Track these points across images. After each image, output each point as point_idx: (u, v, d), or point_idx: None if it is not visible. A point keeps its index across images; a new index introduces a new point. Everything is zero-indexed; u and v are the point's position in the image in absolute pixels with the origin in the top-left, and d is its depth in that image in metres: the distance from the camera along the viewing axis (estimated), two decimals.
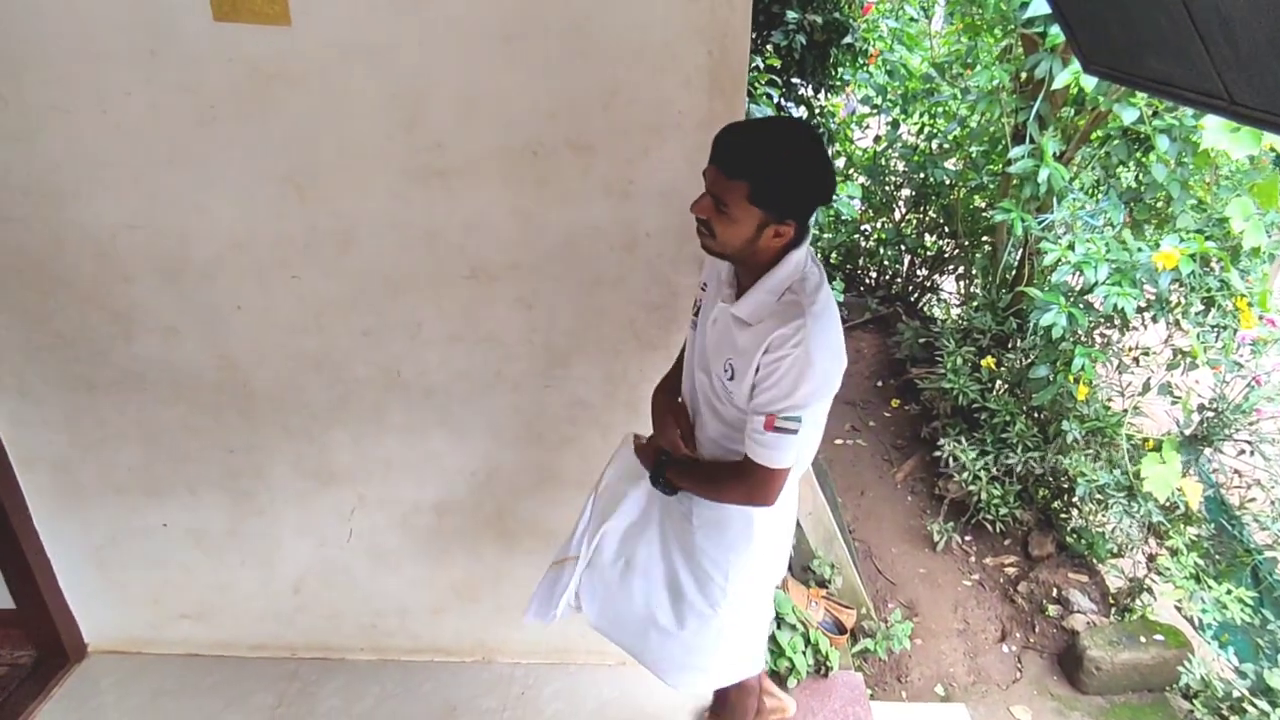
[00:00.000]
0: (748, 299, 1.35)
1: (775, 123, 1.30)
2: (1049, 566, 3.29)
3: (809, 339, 1.27)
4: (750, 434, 1.35)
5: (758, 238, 1.28)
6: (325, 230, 1.76)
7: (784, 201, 1.26)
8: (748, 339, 1.34)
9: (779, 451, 1.33)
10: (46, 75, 1.59)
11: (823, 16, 4.04)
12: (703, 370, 1.48)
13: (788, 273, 1.33)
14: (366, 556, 2.15)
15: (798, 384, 1.28)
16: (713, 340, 1.43)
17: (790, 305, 1.31)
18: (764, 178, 1.23)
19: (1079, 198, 3.21)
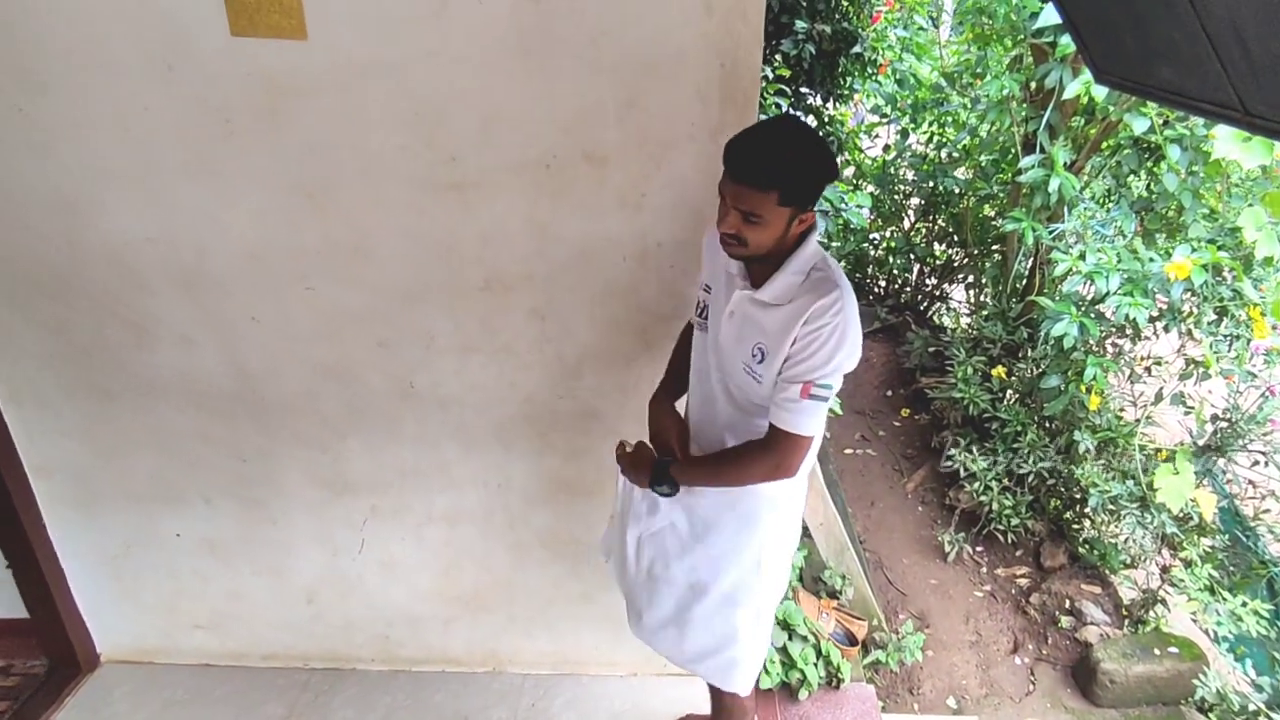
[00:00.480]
0: (774, 283, 1.40)
1: (777, 125, 1.35)
2: (1061, 577, 3.27)
3: (846, 308, 1.35)
4: (782, 404, 1.39)
5: (787, 231, 1.36)
6: (341, 242, 1.77)
7: (808, 194, 1.34)
8: (779, 318, 1.39)
9: (810, 417, 1.39)
10: (67, 90, 1.60)
11: (831, 26, 4.05)
12: (719, 367, 1.52)
13: (810, 253, 1.40)
14: (378, 566, 2.15)
15: (835, 352, 1.35)
16: (731, 332, 1.47)
17: (822, 280, 1.38)
18: (792, 182, 1.30)
19: (1090, 207, 3.20)
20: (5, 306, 1.81)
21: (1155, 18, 1.29)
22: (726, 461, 1.51)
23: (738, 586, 1.62)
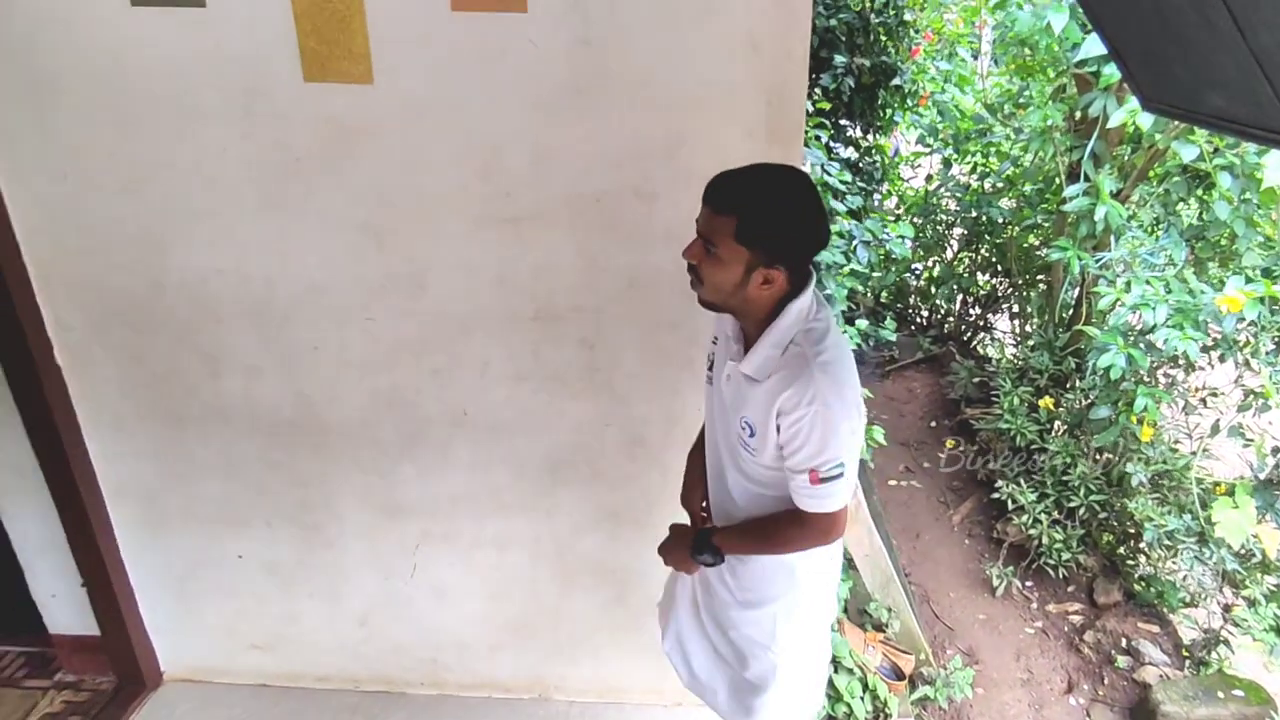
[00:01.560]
0: (753, 355, 1.33)
1: (768, 166, 1.29)
2: (1117, 615, 3.18)
3: (820, 394, 1.25)
4: (798, 491, 1.34)
5: (746, 283, 1.27)
6: (400, 274, 1.85)
7: (771, 240, 1.24)
8: (759, 396, 1.33)
9: (832, 498, 1.34)
10: (155, 133, 1.72)
11: (871, 60, 4.11)
12: (724, 427, 1.47)
13: (789, 323, 1.30)
14: (429, 591, 2.20)
15: (827, 439, 1.27)
16: (729, 397, 1.42)
17: (795, 359, 1.29)
18: (751, 212, 1.22)
19: (1138, 236, 3.17)
20: (91, 336, 1.93)
21: (1203, 45, 1.30)
22: (767, 533, 1.45)
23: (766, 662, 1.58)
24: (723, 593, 1.58)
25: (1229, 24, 1.14)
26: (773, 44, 1.65)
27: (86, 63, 1.68)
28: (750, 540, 1.49)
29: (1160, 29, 1.46)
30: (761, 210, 1.23)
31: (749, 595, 1.55)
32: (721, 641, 1.64)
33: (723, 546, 1.50)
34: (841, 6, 4.11)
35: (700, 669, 1.70)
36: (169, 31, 1.64)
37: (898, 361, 4.66)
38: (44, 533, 2.14)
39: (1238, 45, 1.18)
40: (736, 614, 1.58)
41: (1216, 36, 1.23)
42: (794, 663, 1.58)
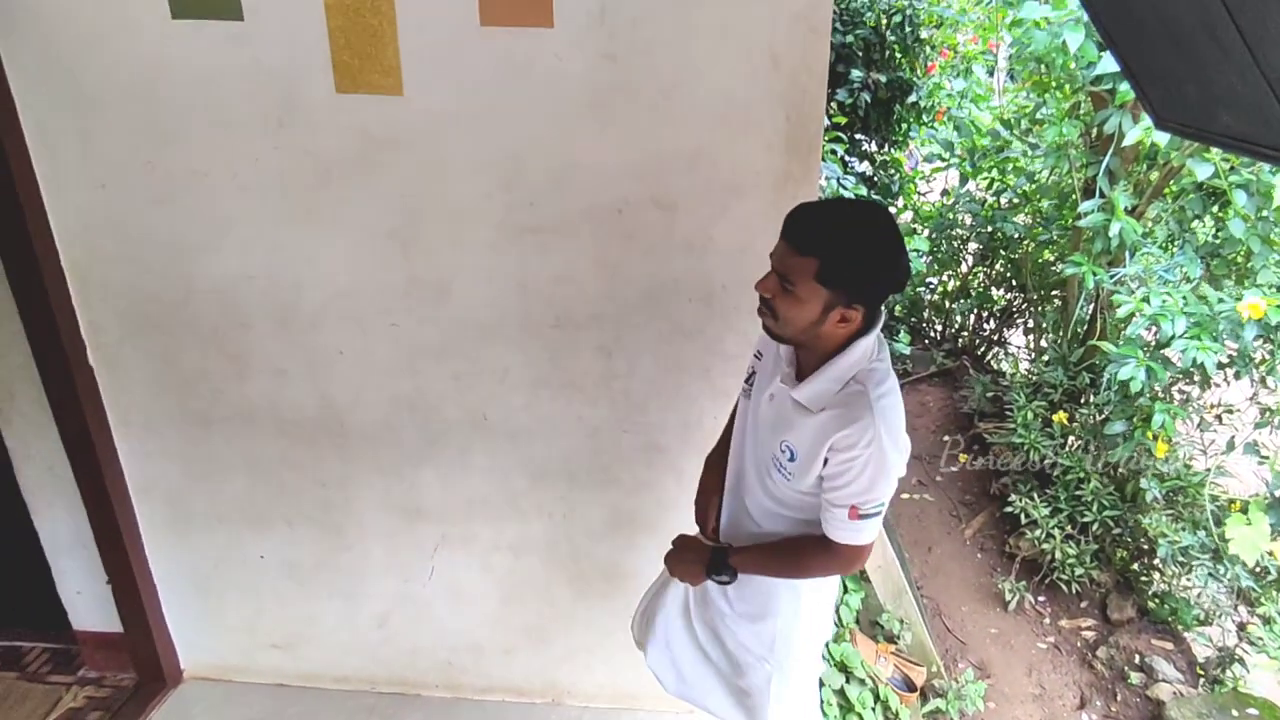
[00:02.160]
0: (810, 384, 1.31)
1: (852, 203, 1.29)
2: (1130, 631, 3.16)
3: (879, 439, 1.26)
4: (833, 523, 1.34)
5: (822, 321, 1.26)
6: (424, 281, 1.89)
7: (853, 283, 1.22)
8: (809, 427, 1.32)
9: (866, 532, 1.34)
10: (189, 143, 1.78)
11: (887, 75, 4.15)
12: (755, 443, 1.46)
13: (853, 360, 1.29)
14: (446, 594, 2.23)
15: (875, 480, 1.28)
16: (769, 416, 1.41)
17: (855, 397, 1.28)
18: (835, 255, 1.21)
19: (1153, 252, 3.18)
20: (123, 339, 1.98)
21: (1214, 65, 1.33)
22: (788, 557, 1.45)
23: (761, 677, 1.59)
24: (721, 603, 1.58)
25: (1239, 44, 1.17)
26: (792, 59, 1.69)
27: (127, 76, 1.73)
28: (771, 563, 1.47)
29: (1172, 48, 1.49)
30: (845, 253, 1.21)
31: (750, 608, 1.55)
32: (714, 648, 1.64)
33: (739, 567, 1.48)
34: (859, 22, 4.15)
35: (691, 674, 1.69)
36: (207, 45, 1.70)
37: (911, 375, 4.66)
38: (71, 531, 2.18)
39: (1248, 65, 1.21)
40: (735, 625, 1.58)
41: (1227, 56, 1.26)
42: (788, 676, 1.58)
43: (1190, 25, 1.28)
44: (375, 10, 1.68)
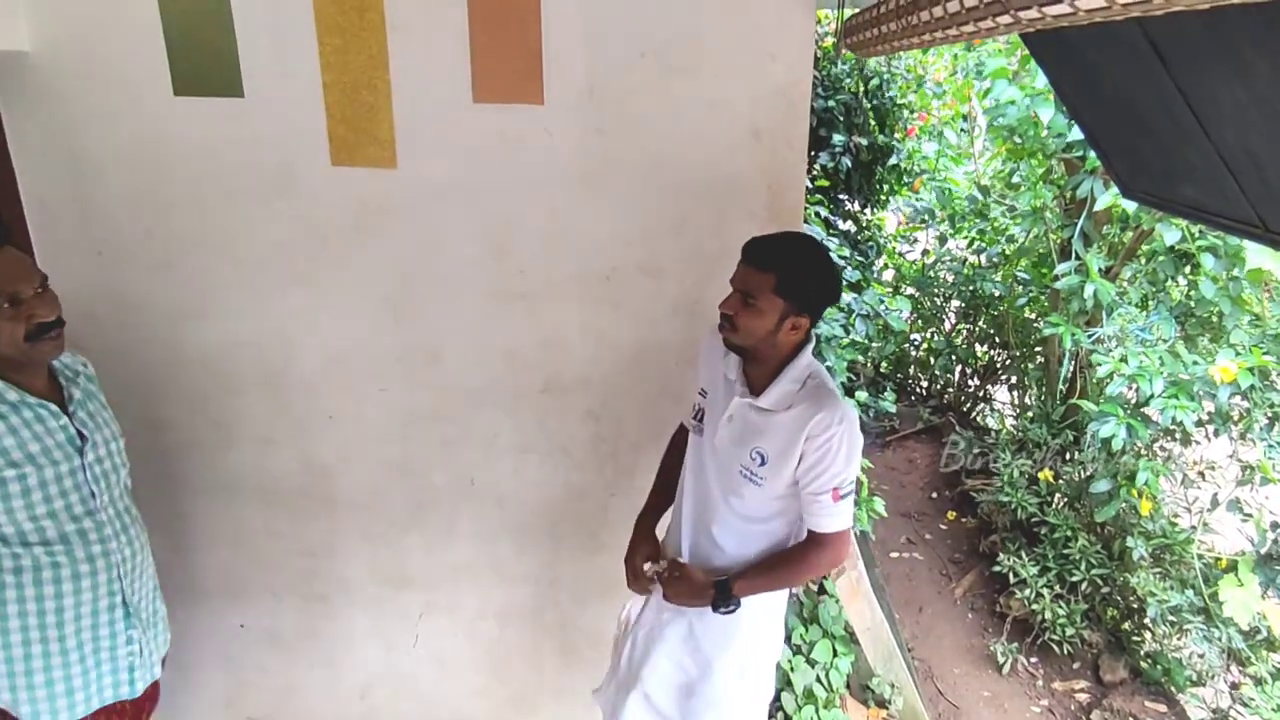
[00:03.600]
0: (774, 389, 1.50)
1: (794, 233, 1.55)
2: (1123, 694, 3.13)
3: (848, 417, 1.47)
4: (818, 513, 1.50)
5: (778, 329, 1.46)
6: (415, 347, 1.92)
7: (804, 293, 1.45)
8: (780, 425, 1.49)
9: (847, 515, 1.52)
10: (189, 214, 1.81)
11: (868, 139, 4.29)
12: (717, 469, 1.58)
13: (805, 363, 1.51)
14: (431, 663, 2.19)
15: (850, 456, 1.48)
16: (731, 436, 1.55)
17: (818, 390, 1.49)
18: (788, 269, 1.44)
19: (1129, 312, 3.26)
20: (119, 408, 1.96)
21: (1173, 142, 1.39)
22: (786, 567, 1.57)
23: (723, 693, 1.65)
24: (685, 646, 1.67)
25: (1193, 122, 1.24)
26: (773, 133, 1.76)
27: (129, 148, 1.78)
28: (770, 577, 1.58)
29: (1134, 126, 1.56)
30: (796, 268, 1.45)
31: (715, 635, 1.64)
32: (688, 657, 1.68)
33: (743, 593, 1.56)
34: (839, 88, 4.31)
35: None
36: (208, 119, 1.75)
37: (898, 431, 4.69)
38: None
39: (1203, 141, 1.27)
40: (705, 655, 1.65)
41: (1183, 133, 1.33)
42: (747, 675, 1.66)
43: (1149, 105, 1.35)
44: (371, 88, 1.75)
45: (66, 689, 1.47)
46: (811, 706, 2.38)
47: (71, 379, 1.52)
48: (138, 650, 1.56)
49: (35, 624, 1.43)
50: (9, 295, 1.34)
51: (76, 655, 1.47)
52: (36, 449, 1.38)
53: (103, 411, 1.57)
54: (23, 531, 1.39)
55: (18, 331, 1.35)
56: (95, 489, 1.47)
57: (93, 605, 1.48)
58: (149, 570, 1.63)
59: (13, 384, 1.38)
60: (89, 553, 1.46)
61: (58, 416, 1.43)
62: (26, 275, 1.39)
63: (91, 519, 1.46)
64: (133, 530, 1.57)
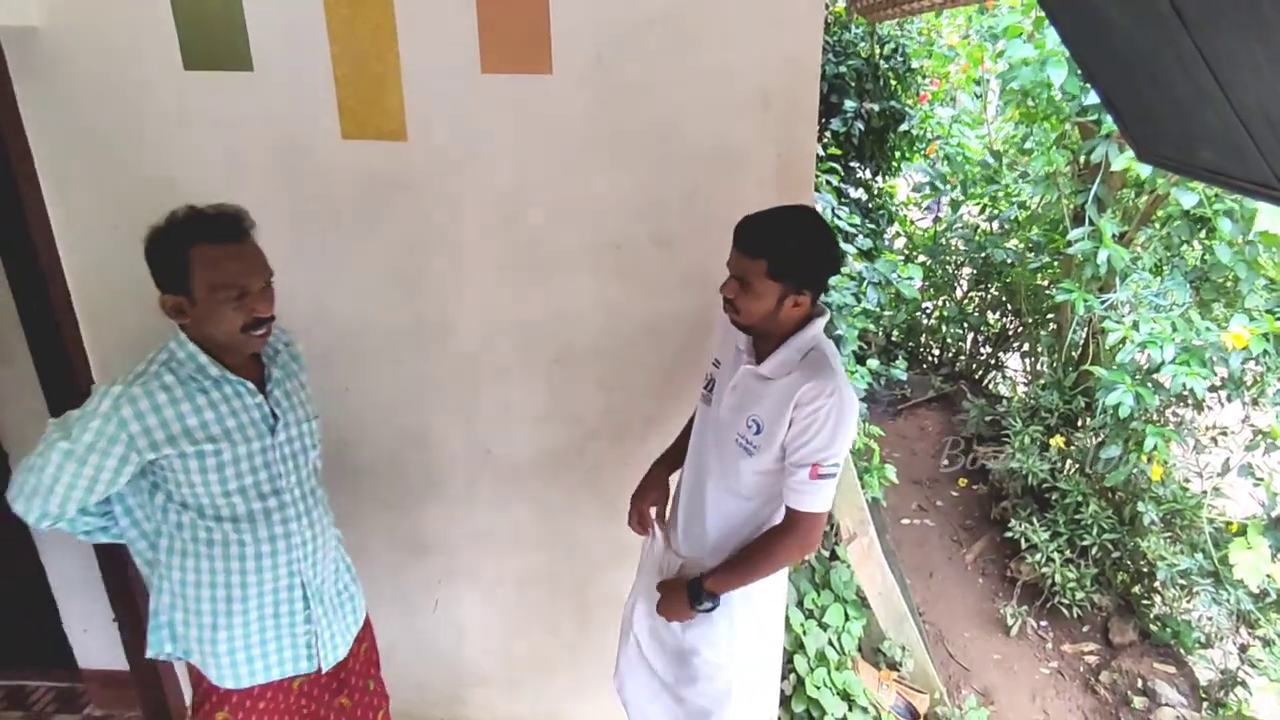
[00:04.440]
0: (774, 358, 1.49)
1: (785, 209, 1.48)
2: (1132, 655, 3.17)
3: (840, 390, 1.43)
4: (793, 487, 1.47)
5: (779, 309, 1.45)
6: (428, 318, 1.94)
7: (798, 273, 1.43)
8: (774, 392, 1.48)
9: (822, 495, 1.47)
10: (202, 188, 1.80)
11: (880, 105, 4.24)
12: (718, 438, 1.58)
13: (810, 336, 1.49)
14: (451, 627, 2.24)
15: (836, 432, 1.43)
16: (732, 404, 1.55)
17: (816, 361, 1.47)
18: (779, 252, 1.41)
19: (1143, 277, 3.23)
20: None
21: (1191, 103, 1.38)
22: (754, 555, 1.56)
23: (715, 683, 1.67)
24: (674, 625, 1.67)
25: (1212, 84, 1.22)
26: (783, 99, 1.74)
27: (140, 122, 1.79)
28: (741, 569, 1.56)
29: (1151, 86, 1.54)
30: (787, 250, 1.42)
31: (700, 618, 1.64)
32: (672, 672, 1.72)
33: (717, 588, 1.57)
34: (851, 54, 4.25)
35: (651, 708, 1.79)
36: (218, 93, 1.76)
37: (909, 400, 4.70)
38: (78, 570, 2.20)
39: (1222, 104, 1.26)
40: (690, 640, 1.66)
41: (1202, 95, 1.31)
42: (747, 680, 1.67)
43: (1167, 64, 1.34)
44: (380, 58, 1.74)
45: (247, 658, 1.52)
46: (824, 669, 2.43)
47: (271, 358, 1.54)
48: (316, 630, 1.59)
49: (222, 595, 1.49)
50: (240, 287, 1.37)
51: (257, 627, 1.52)
52: (232, 424, 1.42)
53: (299, 391, 1.59)
54: (215, 505, 1.44)
55: (237, 322, 1.38)
56: (283, 469, 1.50)
57: (274, 585, 1.52)
58: (331, 553, 1.65)
59: (216, 360, 1.42)
60: (271, 533, 1.49)
61: (254, 394, 1.46)
62: (259, 271, 1.42)
63: (276, 499, 1.50)
64: (315, 513, 1.59)
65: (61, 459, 1.33)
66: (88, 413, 1.34)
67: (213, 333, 1.39)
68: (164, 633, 1.55)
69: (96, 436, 1.33)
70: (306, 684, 1.64)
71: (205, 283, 1.35)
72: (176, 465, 1.39)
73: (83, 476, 1.34)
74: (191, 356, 1.40)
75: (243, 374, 1.45)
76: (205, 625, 1.50)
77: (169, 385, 1.38)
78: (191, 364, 1.40)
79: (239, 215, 1.42)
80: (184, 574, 1.49)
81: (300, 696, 1.64)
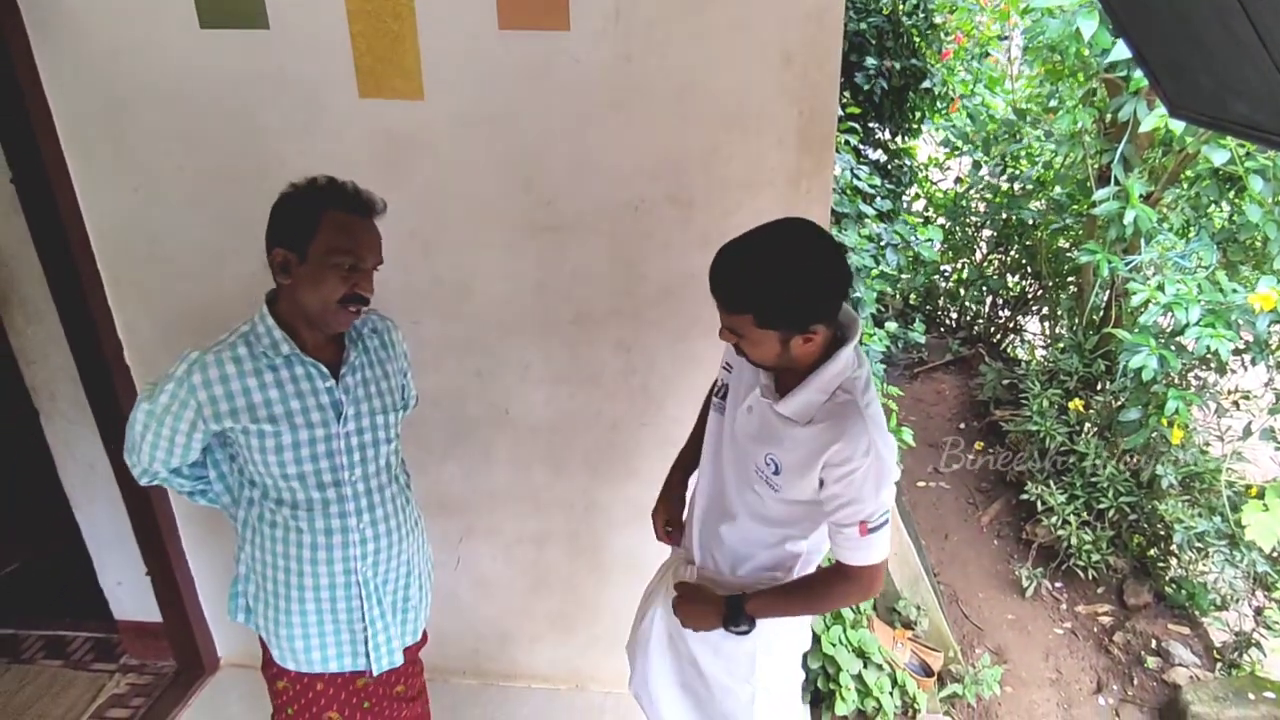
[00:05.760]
0: (795, 397, 1.29)
1: (766, 240, 1.23)
2: (1146, 616, 3.18)
3: (874, 446, 1.25)
4: (843, 545, 1.32)
5: (787, 350, 1.25)
6: (446, 280, 1.94)
7: (793, 317, 1.21)
8: (798, 440, 1.30)
9: (879, 548, 1.31)
10: (219, 148, 1.83)
11: (901, 62, 4.14)
12: (735, 457, 1.43)
13: (837, 370, 1.28)
14: (471, 583, 2.29)
15: (879, 489, 1.27)
16: (749, 431, 1.39)
17: (844, 408, 1.27)
18: (764, 303, 1.20)
19: (1168, 239, 3.17)
20: (156, 339, 2.04)
21: (1227, 56, 1.34)
22: (810, 593, 1.42)
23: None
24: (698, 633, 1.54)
25: (1251, 35, 1.19)
26: (804, 56, 1.71)
27: (157, 83, 1.79)
28: (788, 603, 1.43)
29: (1185, 38, 1.50)
30: (772, 297, 1.20)
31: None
32: (694, 678, 1.59)
33: (757, 614, 1.42)
34: (872, 10, 4.14)
35: (669, 711, 1.65)
36: (234, 53, 1.75)
37: (926, 363, 4.68)
38: (111, 525, 2.26)
39: (1260, 55, 1.22)
40: (713, 651, 1.54)
41: (1239, 47, 1.28)
42: (771, 694, 1.55)
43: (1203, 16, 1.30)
44: (396, 16, 1.73)
45: (305, 646, 1.51)
46: (839, 627, 2.46)
47: (354, 341, 1.48)
48: (372, 632, 1.53)
49: (283, 579, 1.47)
50: (354, 260, 1.35)
51: (315, 619, 1.49)
52: (296, 407, 1.38)
53: (381, 380, 1.52)
54: (277, 487, 1.41)
55: (338, 292, 1.34)
56: (346, 460, 1.44)
57: (329, 580, 1.47)
58: (402, 556, 1.56)
59: (293, 335, 1.39)
60: (328, 526, 1.44)
61: (325, 378, 1.40)
62: (375, 250, 1.40)
63: (336, 490, 1.44)
64: (383, 510, 1.51)
65: (145, 418, 1.36)
66: (167, 375, 1.35)
67: (307, 299, 1.35)
68: (240, 601, 1.57)
69: (170, 399, 1.33)
70: (372, 685, 1.61)
71: (325, 244, 1.32)
72: (241, 440, 1.37)
73: (161, 437, 1.36)
74: (269, 331, 1.37)
75: (319, 355, 1.41)
76: (270, 604, 1.49)
77: (240, 358, 1.35)
78: (267, 339, 1.37)
79: (373, 198, 1.41)
80: (254, 549, 1.49)
81: (358, 691, 1.60)
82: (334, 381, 1.42)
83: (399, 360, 1.60)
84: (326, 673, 1.55)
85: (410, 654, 1.68)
